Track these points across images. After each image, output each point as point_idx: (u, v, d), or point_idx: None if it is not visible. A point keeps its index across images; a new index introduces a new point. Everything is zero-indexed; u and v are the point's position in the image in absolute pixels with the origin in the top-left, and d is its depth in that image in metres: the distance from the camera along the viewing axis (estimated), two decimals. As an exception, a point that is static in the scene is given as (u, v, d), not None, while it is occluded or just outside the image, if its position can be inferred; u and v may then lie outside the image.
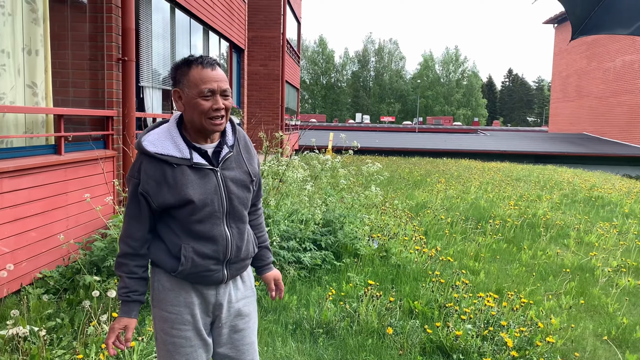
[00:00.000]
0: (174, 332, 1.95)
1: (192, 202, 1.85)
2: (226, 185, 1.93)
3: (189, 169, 1.88)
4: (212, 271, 1.92)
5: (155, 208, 1.88)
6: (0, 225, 3.95)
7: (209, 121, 1.87)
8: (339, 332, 3.75)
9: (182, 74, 1.89)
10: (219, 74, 1.88)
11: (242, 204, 1.99)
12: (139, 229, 1.92)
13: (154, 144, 1.89)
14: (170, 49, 7.85)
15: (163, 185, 1.86)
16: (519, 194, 11.33)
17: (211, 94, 1.85)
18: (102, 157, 5.38)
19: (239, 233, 1.98)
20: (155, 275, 1.98)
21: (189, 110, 1.88)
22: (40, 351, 3.32)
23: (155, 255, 1.95)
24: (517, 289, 4.98)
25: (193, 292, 1.96)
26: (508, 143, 28.65)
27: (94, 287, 4.11)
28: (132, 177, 1.90)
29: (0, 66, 4.28)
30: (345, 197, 5.89)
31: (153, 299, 1.99)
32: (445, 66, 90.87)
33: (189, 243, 1.89)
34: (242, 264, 2.03)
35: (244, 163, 2.02)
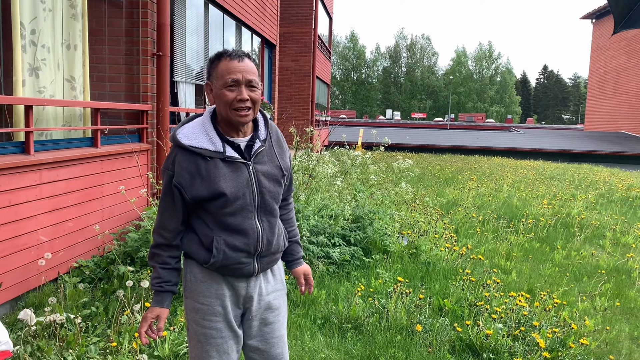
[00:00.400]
0: (205, 323, 1.98)
1: (224, 195, 1.87)
2: (258, 179, 1.95)
3: (221, 162, 1.90)
4: (243, 264, 1.94)
5: (188, 200, 1.91)
6: (39, 215, 4.08)
7: (234, 112, 1.88)
8: (368, 327, 3.75)
9: (213, 67, 1.92)
10: (246, 65, 1.89)
11: (273, 198, 2.00)
12: (173, 221, 1.95)
13: (188, 136, 1.92)
14: (203, 45, 7.94)
15: (196, 177, 1.88)
16: (552, 193, 11.10)
17: (235, 84, 1.86)
18: (137, 150, 5.48)
19: (269, 227, 2.00)
20: (187, 267, 2.02)
21: (217, 102, 1.91)
22: (76, 338, 3.42)
23: (188, 246, 1.98)
24: (550, 289, 4.89)
25: (224, 283, 1.98)
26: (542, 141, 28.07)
27: (128, 277, 4.20)
28: (166, 170, 1.93)
29: (40, 60, 4.40)
30: (375, 193, 5.87)
31: (185, 290, 2.02)
32: (479, 62, 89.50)
33: (221, 235, 1.92)
34: (273, 258, 2.05)
35: (275, 157, 2.03)
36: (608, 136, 30.32)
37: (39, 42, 4.38)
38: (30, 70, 4.30)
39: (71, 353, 3.25)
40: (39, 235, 4.10)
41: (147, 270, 4.14)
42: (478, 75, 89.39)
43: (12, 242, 3.82)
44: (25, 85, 4.23)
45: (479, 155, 22.71)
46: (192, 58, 7.48)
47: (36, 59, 4.36)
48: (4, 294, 3.77)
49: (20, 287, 3.96)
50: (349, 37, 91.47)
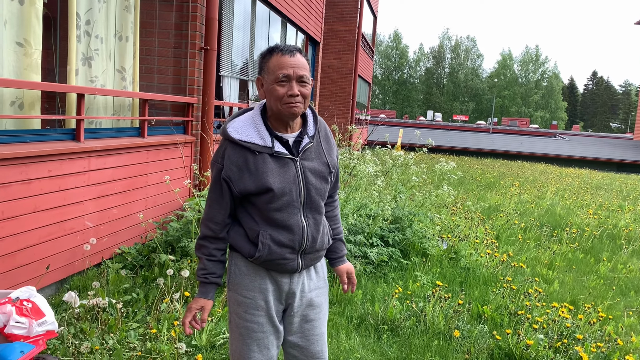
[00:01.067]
0: (247, 316, 1.99)
1: (271, 190, 1.88)
2: (305, 176, 1.94)
3: (269, 157, 1.90)
4: (287, 259, 1.94)
5: (236, 194, 1.92)
6: (86, 201, 4.19)
7: (284, 107, 1.87)
8: (404, 330, 3.71)
9: (264, 62, 1.92)
10: (298, 61, 1.88)
11: (320, 194, 1.99)
12: (220, 213, 1.97)
13: (238, 131, 1.92)
14: (249, 40, 8.00)
15: (244, 171, 1.89)
16: (598, 203, 10.75)
17: (286, 80, 1.86)
18: (182, 141, 5.57)
19: (315, 224, 1.99)
20: (232, 259, 2.03)
21: (268, 97, 1.91)
22: (117, 322, 3.50)
23: (233, 239, 1.99)
24: (594, 302, 4.73)
25: (268, 278, 1.99)
26: (588, 149, 27.21)
27: (169, 266, 4.28)
28: (216, 162, 1.95)
29: (93, 50, 4.51)
30: (416, 194, 5.80)
31: (229, 282, 2.04)
32: (525, 66, 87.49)
33: (267, 230, 1.92)
34: (317, 255, 2.04)
35: (323, 154, 2.02)
36: (659, 146, 29.15)
37: (92, 33, 4.50)
38: (83, 60, 4.42)
39: (112, 337, 3.33)
40: (85, 221, 4.22)
41: (187, 260, 4.20)
42: (523, 79, 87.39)
43: (60, 225, 3.94)
44: (78, 74, 4.35)
45: (522, 161, 22.20)
46: (237, 53, 7.55)
47: (89, 49, 4.48)
48: (51, 275, 3.89)
49: (66, 270, 4.08)
50: (392, 37, 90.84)
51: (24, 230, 3.58)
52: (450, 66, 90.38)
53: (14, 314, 2.93)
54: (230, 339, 2.07)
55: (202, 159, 5.96)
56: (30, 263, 3.68)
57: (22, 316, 2.97)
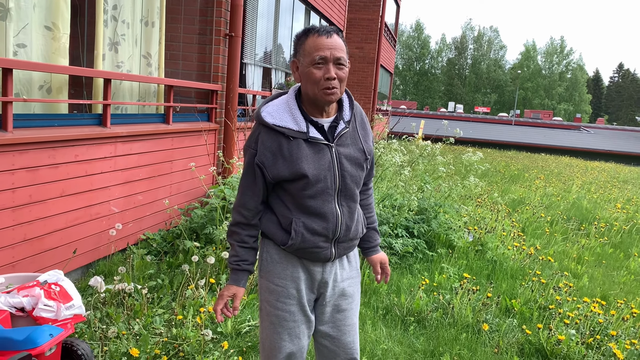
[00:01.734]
0: (279, 304, 1.95)
1: (306, 176, 1.82)
2: (340, 162, 1.88)
3: (304, 142, 1.85)
4: (320, 248, 1.90)
5: (269, 180, 1.87)
6: (112, 186, 4.19)
7: (321, 92, 1.81)
8: (431, 322, 3.64)
9: (300, 43, 1.85)
10: (335, 42, 1.80)
11: (355, 182, 1.93)
12: (253, 199, 1.92)
13: (272, 115, 1.87)
14: (273, 28, 7.94)
15: (278, 157, 1.84)
16: (626, 197, 10.51)
17: (323, 62, 1.78)
18: (206, 129, 5.55)
19: (349, 212, 1.93)
20: (264, 247, 1.99)
21: (303, 80, 1.85)
22: (142, 308, 3.50)
23: (266, 226, 1.95)
24: (626, 298, 4.61)
25: (300, 267, 1.94)
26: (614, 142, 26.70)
27: (193, 253, 4.27)
28: (249, 148, 1.90)
29: (120, 36, 4.50)
30: (442, 185, 5.70)
31: (261, 270, 2.00)
32: (549, 57, 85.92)
33: (300, 218, 1.87)
34: (350, 244, 1.99)
35: (359, 140, 1.96)
36: (688, 141, 28.46)
37: (119, 18, 4.48)
38: (110, 45, 4.41)
39: (138, 322, 3.33)
40: (110, 206, 4.22)
41: (212, 247, 4.19)
42: (547, 71, 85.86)
43: (86, 210, 3.94)
44: (105, 59, 4.34)
45: (546, 154, 21.86)
46: (261, 41, 7.50)
47: (116, 34, 4.46)
48: (77, 260, 3.90)
49: (92, 255, 4.10)
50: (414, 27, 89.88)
51: (52, 214, 3.59)
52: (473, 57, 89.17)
53: (42, 297, 2.94)
54: (261, 327, 2.04)
55: (225, 146, 5.94)
56: (57, 247, 3.69)
57: (50, 299, 2.98)
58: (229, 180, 4.96)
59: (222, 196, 4.69)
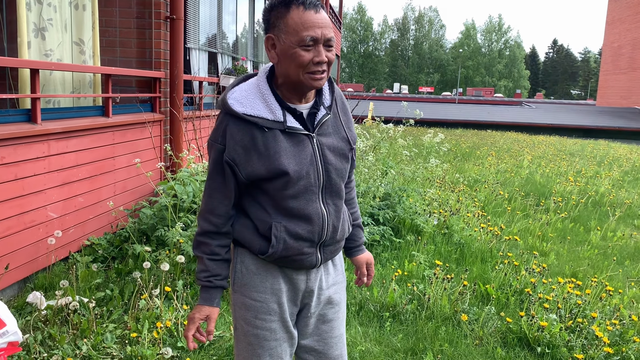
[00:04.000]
0: (257, 322, 1.67)
1: (287, 173, 1.53)
2: (323, 155, 1.61)
3: (281, 134, 1.55)
4: (304, 255, 1.62)
5: (242, 179, 1.57)
6: (48, 189, 3.75)
7: (308, 76, 1.52)
8: (407, 316, 3.44)
9: (278, 16, 1.52)
10: (324, 19, 1.51)
11: (340, 176, 1.66)
12: (223, 203, 1.62)
13: (242, 102, 1.56)
14: (217, 11, 7.50)
15: (252, 152, 1.54)
16: (575, 170, 10.72)
17: (313, 43, 1.49)
18: (150, 120, 5.13)
19: (335, 211, 1.66)
20: (238, 257, 1.69)
21: (284, 61, 1.53)
22: (90, 325, 3.12)
23: (240, 233, 1.65)
24: (595, 274, 4.57)
25: (281, 277, 1.66)
26: (555, 116, 27.48)
27: (145, 258, 3.89)
28: (215, 142, 1.58)
29: (46, 20, 4.01)
30: (404, 169, 5.51)
31: (234, 283, 1.70)
32: (488, 35, 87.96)
33: (281, 222, 1.58)
34: (337, 246, 1.72)
35: (342, 128, 1.68)
36: (622, 112, 29.67)
37: (44, 0, 3.99)
38: (35, 31, 3.93)
39: (86, 342, 2.96)
40: (47, 212, 3.78)
41: (165, 250, 3.83)
42: (487, 49, 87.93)
43: (19, 219, 3.50)
44: (30, 47, 3.85)
45: (492, 130, 22.25)
46: (204, 24, 7.05)
47: (42, 19, 3.97)
48: (11, 275, 3.47)
49: (29, 268, 3.66)
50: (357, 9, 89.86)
51: (-23, 226, 3.15)
52: (415, 38, 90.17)
53: (-32, 325, 2.53)
54: (236, 348, 1.74)
55: (173, 138, 5.53)
56: (-14, 263, 3.25)
57: (-22, 327, 2.57)
58: (178, 175, 4.58)
59: (173, 193, 4.31)
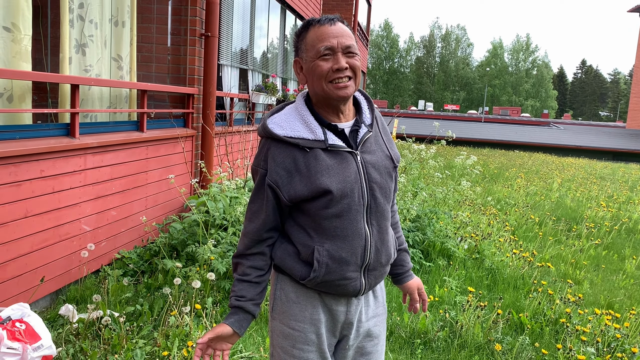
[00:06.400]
0: (295, 352, 1.64)
1: (329, 192, 1.51)
2: (367, 172, 1.58)
3: (323, 152, 1.54)
4: (348, 280, 1.58)
5: (285, 201, 1.56)
6: (83, 202, 3.80)
7: (331, 86, 1.52)
8: (438, 343, 3.37)
9: (301, 40, 1.56)
10: (340, 29, 1.52)
11: (385, 195, 1.63)
12: (261, 227, 1.61)
13: (282, 126, 1.56)
14: (249, 28, 7.58)
15: (294, 174, 1.53)
16: (606, 194, 10.48)
17: (330, 53, 1.50)
18: (183, 135, 5.18)
19: (379, 232, 1.62)
20: (278, 283, 1.67)
21: (310, 78, 1.55)
22: (120, 340, 3.13)
23: (281, 259, 1.63)
24: (632, 305, 4.42)
25: (321, 307, 1.63)
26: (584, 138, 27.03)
27: (175, 274, 3.90)
28: (258, 167, 1.59)
29: (87, 37, 4.10)
30: (436, 190, 5.44)
31: (273, 310, 1.68)
32: (515, 54, 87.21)
33: (324, 245, 1.55)
34: (382, 271, 1.67)
35: (384, 145, 1.67)
36: (653, 135, 29.05)
37: (86, 17, 4.08)
38: (76, 47, 4.01)
39: (116, 358, 2.96)
40: (81, 225, 3.83)
41: (196, 267, 3.83)
42: (514, 68, 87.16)
43: (54, 231, 3.55)
44: (71, 62, 3.93)
45: (519, 151, 21.96)
46: (237, 41, 7.14)
47: (83, 35, 4.06)
48: (46, 286, 3.51)
49: (62, 280, 3.70)
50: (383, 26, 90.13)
51: (15, 238, 3.19)
52: (441, 55, 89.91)
53: (5, 338, 2.55)
54: None
55: (204, 153, 5.57)
56: (22, 274, 3.29)
57: (14, 340, 2.59)
58: (210, 191, 4.61)
59: (205, 209, 4.33)
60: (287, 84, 9.95)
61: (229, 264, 3.83)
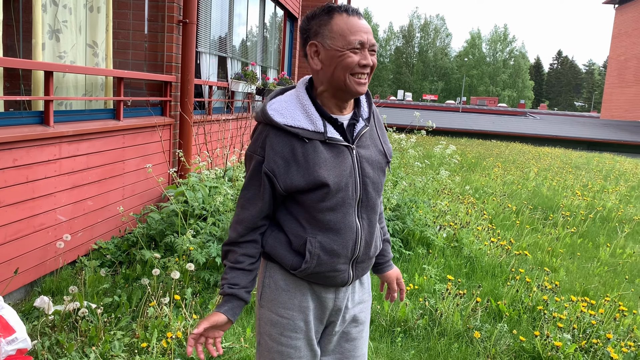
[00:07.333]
0: (282, 339, 1.64)
1: (326, 185, 1.51)
2: (361, 167, 1.59)
3: (321, 144, 1.54)
4: (338, 271, 1.59)
5: (280, 191, 1.55)
6: (58, 192, 3.72)
7: (353, 80, 1.51)
8: (418, 332, 3.39)
9: (321, 24, 1.53)
10: (367, 25, 1.54)
11: (376, 190, 1.64)
12: (254, 215, 1.60)
13: (282, 113, 1.54)
14: (228, 15, 7.48)
15: (291, 164, 1.52)
16: (581, 183, 10.67)
17: (360, 47, 1.51)
18: (160, 124, 5.10)
19: (369, 225, 1.64)
20: (267, 271, 1.67)
21: (329, 67, 1.52)
22: (98, 332, 3.08)
23: (272, 248, 1.62)
24: (606, 292, 4.52)
25: (309, 294, 1.64)
26: (559, 128, 27.42)
27: (154, 264, 3.86)
28: (254, 154, 1.56)
29: (61, 22, 3.99)
30: (415, 180, 5.46)
31: (262, 298, 1.68)
32: (493, 45, 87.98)
33: (316, 236, 1.56)
34: (369, 263, 1.70)
35: (379, 140, 1.68)
36: (627, 125, 29.63)
37: (60, 2, 3.97)
38: (50, 33, 3.90)
39: (94, 350, 2.91)
40: (57, 215, 3.75)
41: (175, 258, 3.79)
42: (492, 58, 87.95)
43: (29, 221, 3.47)
44: (45, 49, 3.83)
45: (496, 140, 22.21)
46: (216, 28, 7.04)
47: (57, 21, 3.95)
48: (20, 277, 3.43)
49: (37, 271, 3.63)
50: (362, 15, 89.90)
51: (-13, 229, 3.11)
52: (420, 45, 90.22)
53: (-22, 331, 2.50)
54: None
55: (182, 142, 5.50)
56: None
57: (-12, 334, 2.53)
58: (189, 180, 4.55)
59: (183, 199, 4.27)
60: (267, 72, 9.87)
61: (209, 255, 3.79)
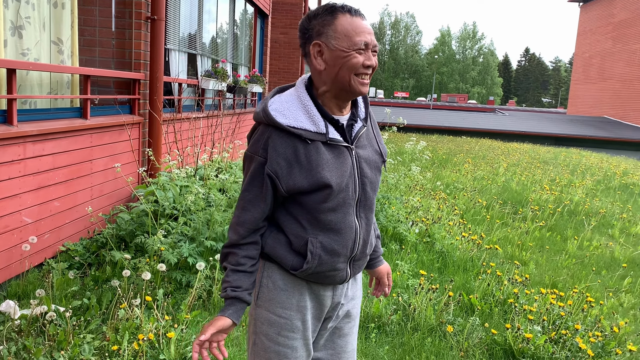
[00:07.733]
0: (280, 339, 1.63)
1: (329, 186, 1.52)
2: (360, 167, 1.60)
3: (323, 145, 1.54)
4: (337, 270, 1.61)
5: (282, 192, 1.54)
6: (23, 194, 3.62)
7: (357, 80, 1.53)
8: (392, 327, 3.41)
9: (324, 23, 1.54)
10: (369, 26, 1.56)
11: (374, 190, 1.66)
12: (256, 216, 1.59)
13: (284, 114, 1.54)
14: (197, 11, 7.39)
15: (294, 165, 1.52)
16: (549, 178, 10.89)
17: (365, 48, 1.53)
18: (129, 122, 5.01)
19: (366, 224, 1.66)
20: (265, 271, 1.65)
21: (333, 67, 1.53)
22: (67, 336, 3.01)
23: (272, 249, 1.61)
24: (574, 284, 4.62)
25: (307, 294, 1.64)
26: (527, 124, 27.93)
27: (124, 266, 3.79)
28: (255, 155, 1.55)
29: (24, 18, 3.88)
30: (388, 176, 5.49)
31: (259, 298, 1.66)
32: (462, 42, 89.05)
33: (317, 237, 1.56)
34: (365, 260, 1.72)
35: (375, 140, 1.70)
36: (592, 121, 30.38)
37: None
38: (12, 29, 3.79)
39: (63, 355, 2.85)
40: (22, 216, 3.65)
41: (146, 258, 3.72)
42: (461, 55, 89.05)
43: (-8, 224, 3.36)
44: (7, 46, 3.72)
45: (466, 137, 22.50)
46: (185, 25, 6.95)
47: (19, 17, 3.84)
48: (-17, 283, 3.33)
49: (2, 275, 3.52)
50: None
51: (-52, 232, 3.01)
52: (391, 43, 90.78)
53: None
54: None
55: (152, 141, 5.41)
56: (-43, 270, 3.11)
57: (-50, 341, 2.45)
58: (159, 180, 4.48)
59: (153, 199, 4.21)
60: (238, 70, 9.79)
61: (180, 255, 3.74)
